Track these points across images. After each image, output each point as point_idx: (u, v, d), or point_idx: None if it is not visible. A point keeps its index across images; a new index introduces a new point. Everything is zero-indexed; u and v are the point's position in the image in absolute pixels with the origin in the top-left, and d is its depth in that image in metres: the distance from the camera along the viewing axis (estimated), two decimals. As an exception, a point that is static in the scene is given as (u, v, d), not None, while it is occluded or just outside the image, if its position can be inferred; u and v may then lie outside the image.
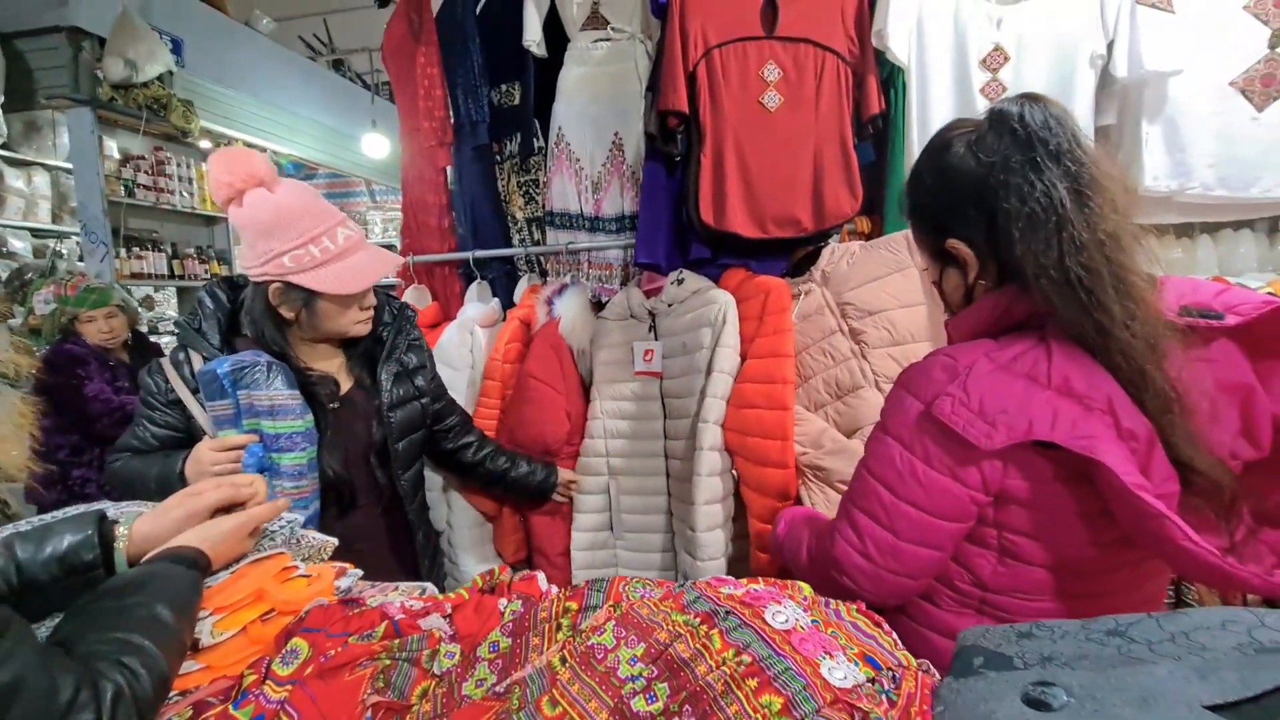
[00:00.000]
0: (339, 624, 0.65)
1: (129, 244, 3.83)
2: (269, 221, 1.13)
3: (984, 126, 0.80)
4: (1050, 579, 0.81)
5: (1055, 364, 0.74)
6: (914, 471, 0.79)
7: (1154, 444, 0.73)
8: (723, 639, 0.56)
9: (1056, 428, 0.71)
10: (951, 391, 0.76)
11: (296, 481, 1.15)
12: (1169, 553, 0.71)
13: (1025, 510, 0.79)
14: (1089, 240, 0.72)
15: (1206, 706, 0.43)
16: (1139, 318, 0.72)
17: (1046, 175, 0.73)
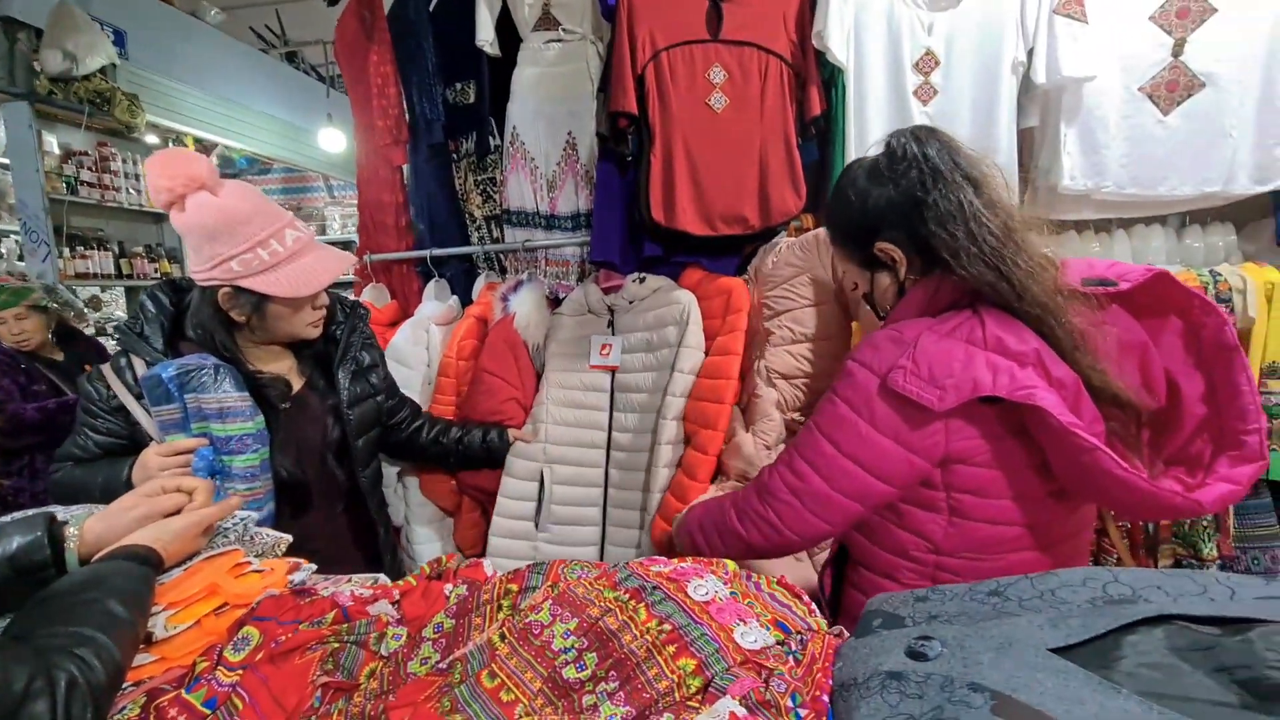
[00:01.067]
0: (290, 612, 0.68)
1: (73, 243, 3.71)
2: (214, 225, 1.11)
3: (884, 152, 0.94)
4: (995, 536, 0.90)
5: (989, 329, 0.84)
6: (860, 432, 0.87)
7: (1080, 390, 0.84)
8: (648, 611, 0.61)
9: (998, 383, 0.81)
10: (903, 364, 0.85)
11: (249, 483, 1.16)
12: (1103, 485, 0.81)
13: (972, 468, 0.88)
14: (994, 224, 0.84)
15: (1051, 649, 0.50)
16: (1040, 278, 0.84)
17: (950, 179, 0.87)
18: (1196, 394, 0.87)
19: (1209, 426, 0.86)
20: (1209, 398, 0.86)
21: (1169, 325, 0.89)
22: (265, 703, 0.58)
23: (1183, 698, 0.43)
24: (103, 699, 0.54)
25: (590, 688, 0.57)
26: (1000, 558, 0.92)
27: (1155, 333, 0.89)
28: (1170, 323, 0.89)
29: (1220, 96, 1.52)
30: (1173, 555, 1.62)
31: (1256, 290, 1.52)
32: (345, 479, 1.36)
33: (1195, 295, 0.87)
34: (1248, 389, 0.83)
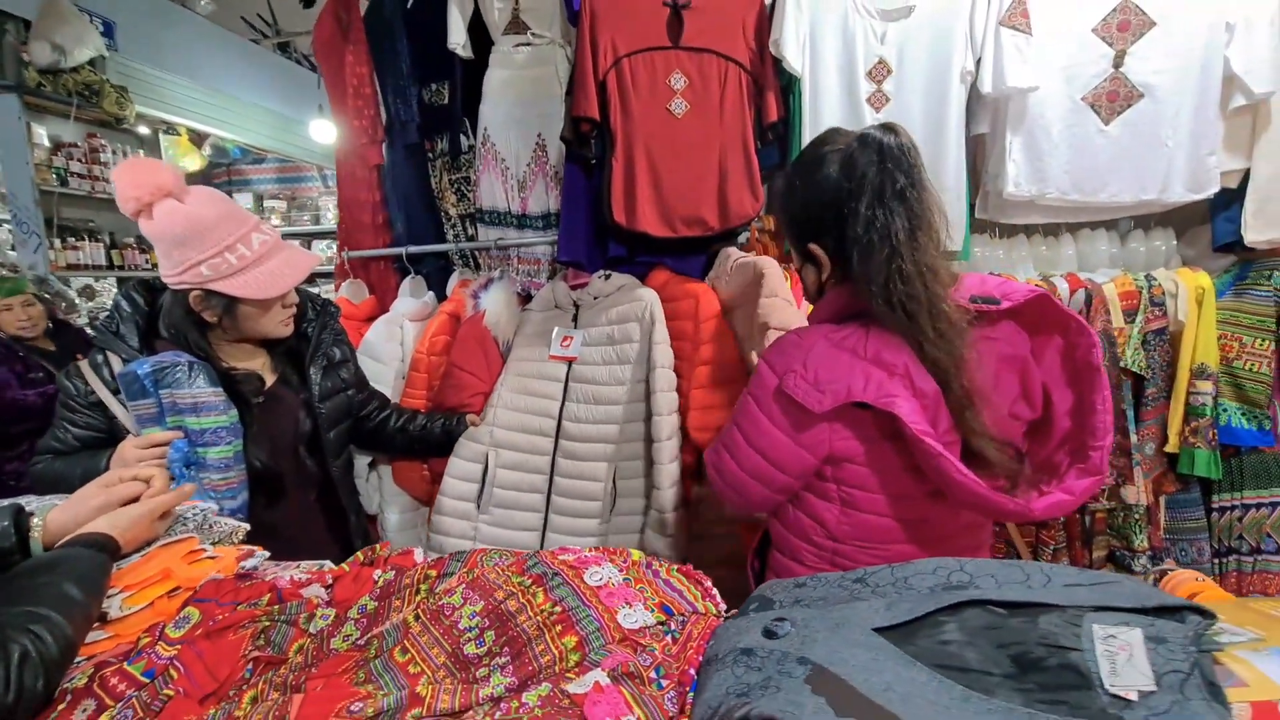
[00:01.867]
0: (229, 594, 0.75)
1: (64, 234, 3.76)
2: (182, 232, 1.16)
3: (853, 147, 0.93)
4: (885, 527, 0.98)
5: (871, 341, 0.92)
6: (761, 426, 0.97)
7: (940, 402, 0.91)
8: (545, 594, 0.69)
9: (868, 390, 0.89)
10: (795, 368, 0.94)
11: (224, 474, 1.22)
12: (951, 486, 0.89)
13: (855, 465, 0.96)
14: (912, 272, 0.88)
15: (875, 628, 0.57)
16: (945, 335, 0.89)
17: (889, 209, 0.88)
18: (1065, 408, 0.94)
19: (1071, 439, 0.93)
20: (1075, 413, 0.93)
21: (1052, 342, 0.95)
22: (199, 674, 0.66)
23: (963, 668, 0.50)
24: (53, 670, 0.62)
25: (486, 662, 0.64)
26: (888, 547, 0.99)
27: (1041, 348, 0.96)
28: (1054, 340, 0.95)
29: (1157, 107, 1.57)
30: (1107, 546, 1.70)
31: (1188, 294, 1.59)
32: (317, 469, 1.43)
33: (1072, 317, 0.93)
34: (1101, 409, 0.90)
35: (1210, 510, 1.69)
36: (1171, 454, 1.66)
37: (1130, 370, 1.62)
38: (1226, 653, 0.47)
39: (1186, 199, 1.62)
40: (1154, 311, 1.61)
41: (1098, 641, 0.48)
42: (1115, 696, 0.44)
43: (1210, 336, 1.59)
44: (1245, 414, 1.62)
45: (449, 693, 0.60)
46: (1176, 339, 1.63)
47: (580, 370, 1.79)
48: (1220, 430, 1.62)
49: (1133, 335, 1.60)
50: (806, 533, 1.01)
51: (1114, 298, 1.61)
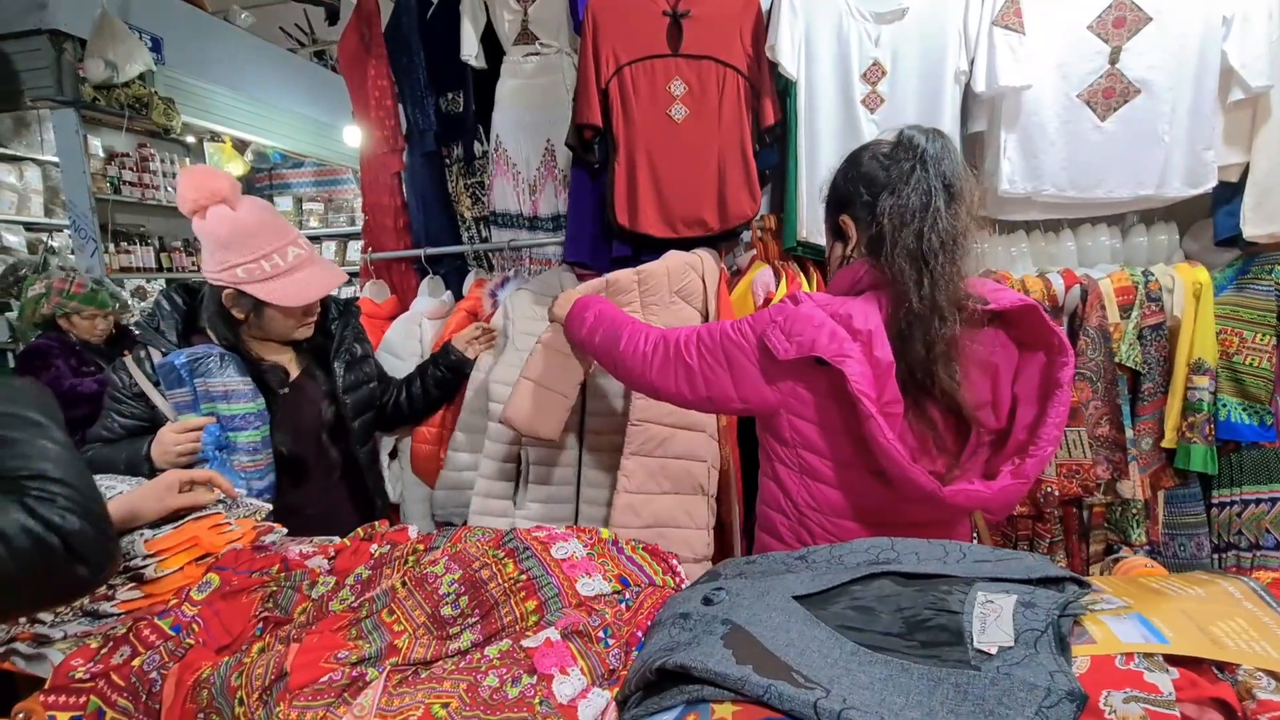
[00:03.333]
0: (245, 563, 0.86)
1: (117, 239, 4.01)
2: (226, 236, 1.29)
3: (895, 141, 1.01)
4: (842, 500, 1.02)
5: (850, 306, 0.98)
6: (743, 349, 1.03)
7: (889, 373, 0.96)
8: (514, 564, 0.77)
9: (827, 347, 0.95)
10: (776, 320, 1.01)
11: (252, 456, 1.34)
12: (876, 450, 0.94)
13: (809, 424, 1.02)
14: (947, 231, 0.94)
15: (795, 595, 0.64)
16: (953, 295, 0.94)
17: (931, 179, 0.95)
18: (1025, 422, 0.97)
19: (1020, 450, 0.97)
20: (1031, 428, 0.96)
21: (1035, 359, 0.98)
22: (216, 629, 0.76)
23: (861, 628, 0.57)
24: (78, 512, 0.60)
25: (460, 622, 0.73)
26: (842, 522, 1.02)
27: (1026, 361, 0.99)
28: (1037, 357, 0.98)
29: (1154, 103, 1.58)
30: (1104, 540, 1.71)
31: (1185, 289, 1.59)
32: (339, 456, 1.54)
33: (1056, 333, 0.96)
34: (1052, 421, 0.94)
35: (1210, 505, 1.68)
36: (1170, 449, 1.66)
37: (1126, 365, 1.63)
38: (1092, 617, 0.53)
39: (1184, 194, 1.62)
40: (1150, 307, 1.61)
41: (976, 606, 0.54)
42: (979, 651, 0.50)
43: (1208, 332, 1.59)
44: (1246, 409, 1.61)
45: (423, 646, 0.69)
46: (1174, 334, 1.63)
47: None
48: (1220, 425, 1.62)
49: (1128, 330, 1.61)
50: (778, 501, 1.07)
51: (1110, 293, 1.62)
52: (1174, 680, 0.43)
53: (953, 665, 0.50)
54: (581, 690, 0.61)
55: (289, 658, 0.66)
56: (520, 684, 0.60)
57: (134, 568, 0.86)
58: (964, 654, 0.51)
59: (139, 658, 0.72)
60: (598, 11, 1.80)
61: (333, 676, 0.64)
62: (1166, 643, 0.46)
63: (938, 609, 0.56)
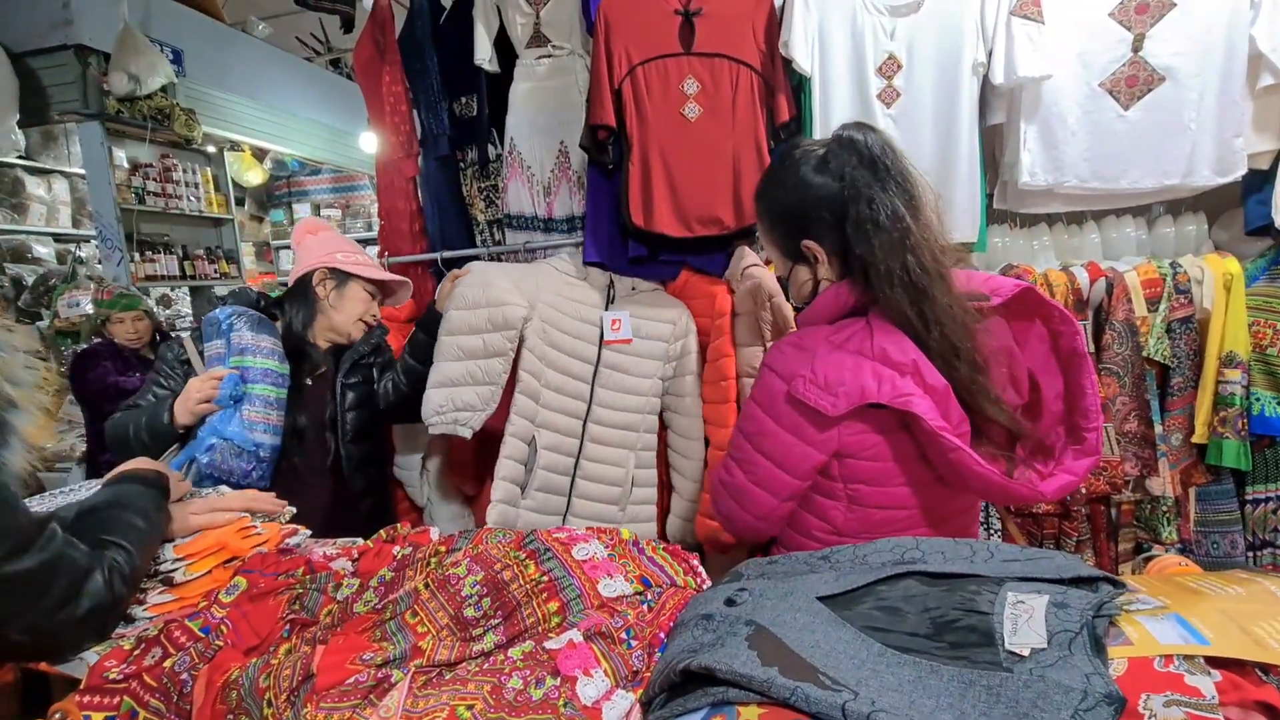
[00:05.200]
0: (271, 566, 0.87)
1: (142, 248, 4.09)
2: (332, 243, 1.64)
3: (832, 148, 0.98)
4: (887, 518, 1.01)
5: (875, 340, 0.94)
6: (773, 435, 0.97)
7: (949, 395, 0.94)
8: (536, 566, 0.77)
9: (881, 391, 0.91)
10: (803, 373, 0.95)
11: (264, 410, 1.43)
12: (967, 477, 0.92)
13: (862, 462, 0.98)
14: (924, 249, 0.92)
15: (819, 596, 0.63)
16: (954, 304, 0.93)
17: (890, 193, 0.93)
18: (1055, 392, 0.96)
19: (1063, 421, 0.96)
20: (1064, 396, 0.95)
21: (1034, 331, 0.97)
22: (245, 631, 0.77)
23: (887, 629, 0.56)
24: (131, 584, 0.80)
25: (482, 624, 0.73)
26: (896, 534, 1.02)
27: (1023, 336, 0.98)
28: (1036, 328, 0.97)
29: (1179, 90, 1.54)
30: (1134, 539, 1.68)
31: (1214, 281, 1.55)
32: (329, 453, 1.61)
33: (1055, 307, 0.95)
34: (1091, 391, 0.92)
35: (1244, 502, 1.64)
36: (1201, 445, 1.62)
37: (1154, 360, 1.59)
38: (1127, 617, 0.51)
39: (1213, 183, 1.58)
40: (1179, 299, 1.58)
41: (1006, 606, 0.53)
42: (1011, 652, 0.49)
43: (1240, 323, 1.55)
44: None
45: (447, 647, 0.69)
46: (1203, 326, 1.59)
47: (610, 357, 1.84)
48: (1253, 420, 1.57)
49: (1155, 324, 1.57)
50: (809, 529, 1.03)
51: (1136, 286, 1.59)
52: (1216, 683, 0.42)
53: (984, 667, 0.49)
54: (605, 692, 0.61)
55: (315, 659, 0.67)
56: (544, 686, 0.60)
57: (164, 571, 0.88)
58: (995, 655, 0.50)
59: (170, 659, 0.73)
60: (609, 12, 1.80)
61: (358, 678, 0.65)
62: (1207, 644, 0.45)
63: (966, 609, 0.55)
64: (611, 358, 1.87)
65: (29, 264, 4.22)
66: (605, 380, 1.86)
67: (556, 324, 1.84)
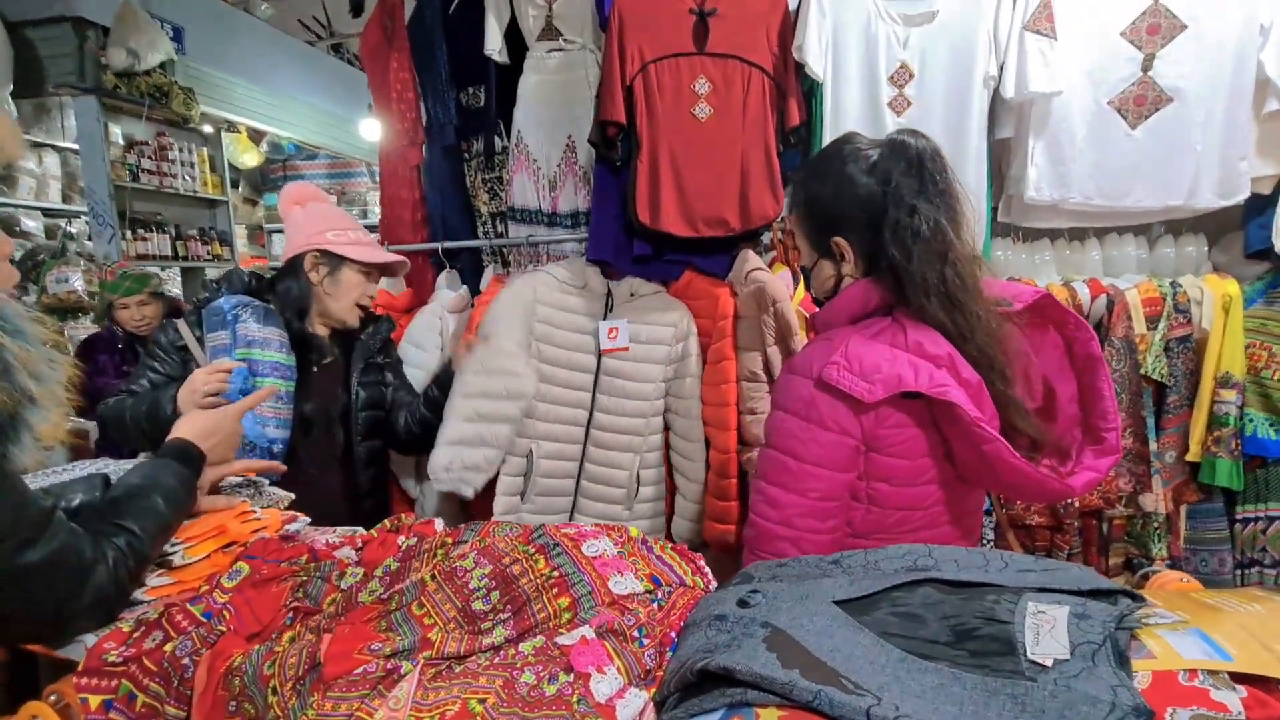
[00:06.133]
0: (274, 552, 0.86)
1: (134, 226, 4.03)
2: (320, 218, 1.56)
3: (883, 151, 0.97)
4: (903, 519, 1.00)
5: (909, 335, 0.94)
6: (814, 436, 0.94)
7: (982, 390, 0.94)
8: (546, 561, 0.77)
9: (919, 380, 0.90)
10: (836, 360, 0.93)
11: (275, 405, 1.42)
12: (1000, 471, 0.92)
13: (888, 459, 0.96)
14: (963, 260, 0.92)
15: (836, 600, 0.63)
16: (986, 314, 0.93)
17: (934, 204, 0.93)
18: (1069, 395, 0.98)
19: (1078, 423, 0.97)
20: (1080, 399, 0.96)
21: (1049, 337, 0.99)
22: (247, 616, 0.76)
23: (907, 636, 0.56)
24: (137, 570, 0.79)
25: (490, 617, 0.72)
26: (904, 537, 1.02)
27: (1037, 342, 0.99)
28: (1050, 335, 0.98)
29: (1187, 111, 1.56)
30: (1124, 554, 1.70)
31: (1214, 302, 1.57)
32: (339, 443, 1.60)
33: (1070, 314, 0.97)
34: (1108, 394, 0.93)
35: (1234, 521, 1.67)
36: (1193, 463, 1.64)
37: (1151, 378, 1.61)
38: (1148, 631, 0.52)
39: (1216, 205, 1.60)
40: (1178, 318, 1.59)
41: (1027, 616, 0.53)
42: (1033, 662, 0.49)
43: (1236, 345, 1.57)
44: (1273, 424, 1.59)
45: (456, 640, 0.68)
46: (1201, 346, 1.61)
47: (611, 364, 1.86)
48: (1246, 440, 1.60)
49: (1154, 342, 1.59)
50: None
51: (1137, 304, 1.60)
52: (1242, 699, 0.42)
53: (1006, 676, 0.49)
54: (619, 690, 0.60)
55: (322, 648, 0.66)
56: (558, 681, 0.60)
57: (163, 554, 0.86)
58: (1016, 665, 0.50)
59: (171, 643, 0.72)
60: (624, 8, 1.80)
61: (367, 668, 0.64)
62: (1231, 660, 0.45)
63: (986, 618, 0.55)
64: (612, 365, 1.87)
65: (17, 238, 4.14)
66: (607, 388, 1.87)
67: (552, 339, 1.87)
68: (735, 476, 1.76)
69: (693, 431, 1.85)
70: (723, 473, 1.77)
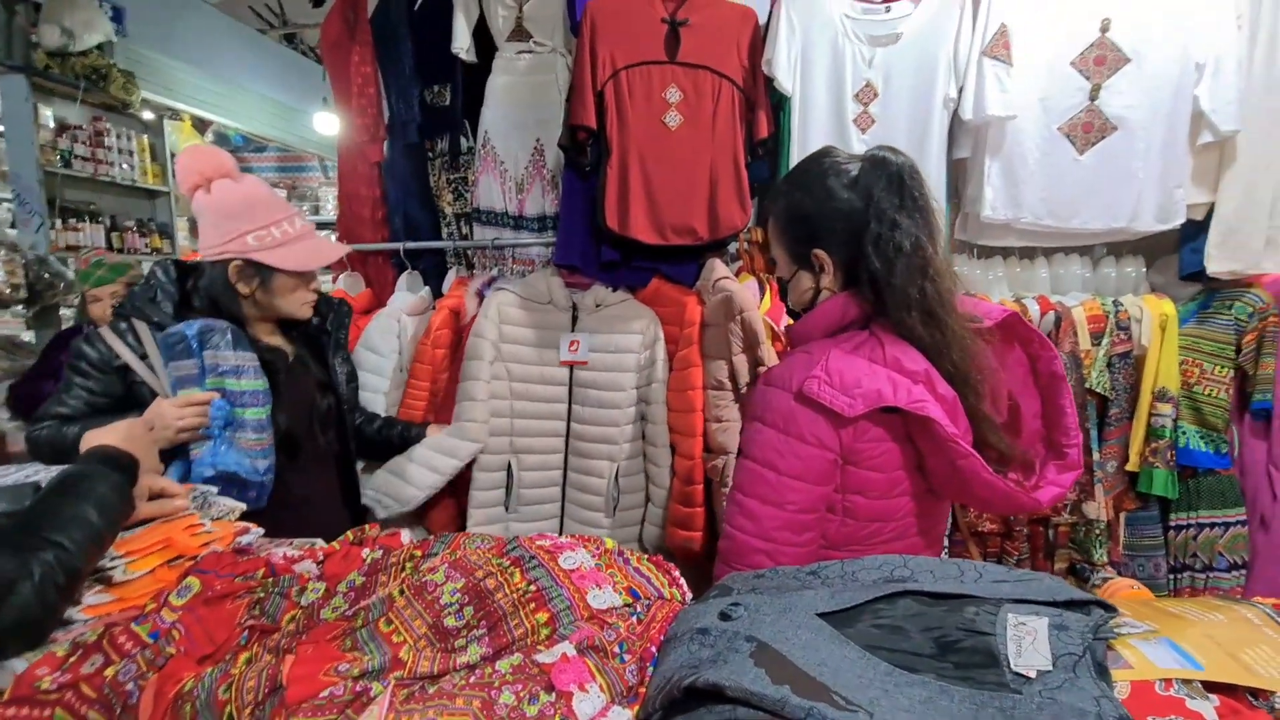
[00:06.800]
0: (228, 566, 0.81)
1: (65, 215, 3.79)
2: (235, 206, 1.29)
3: (864, 166, 0.98)
4: (874, 531, 1.01)
5: (887, 350, 0.95)
6: (792, 449, 0.94)
7: (958, 405, 0.96)
8: (521, 574, 0.74)
9: (898, 396, 0.91)
10: (816, 374, 0.93)
11: (258, 434, 1.29)
12: (973, 486, 0.94)
13: (865, 471, 0.97)
14: (941, 274, 0.94)
15: (819, 613, 0.63)
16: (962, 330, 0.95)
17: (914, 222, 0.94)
18: (1033, 411, 1.01)
19: (1040, 439, 1.00)
20: (1043, 415, 1.00)
21: (1014, 354, 1.02)
22: (199, 636, 0.71)
23: (892, 649, 0.56)
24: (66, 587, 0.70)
25: (464, 634, 0.70)
26: (875, 548, 1.04)
27: (1003, 358, 1.03)
28: (1015, 352, 1.02)
29: (1130, 140, 1.65)
30: (1068, 559, 1.77)
31: (1152, 320, 1.66)
32: (331, 445, 1.52)
33: (1035, 332, 1.00)
34: (1070, 411, 0.97)
35: (1168, 528, 1.76)
36: (1132, 473, 1.73)
37: (1095, 391, 1.69)
38: (1121, 640, 0.53)
39: (1154, 229, 1.69)
40: (1120, 335, 1.68)
41: (1009, 628, 0.54)
42: (1017, 674, 0.50)
43: (1172, 361, 1.66)
44: (1204, 437, 1.69)
45: (428, 659, 0.65)
46: (1140, 362, 1.70)
47: (583, 375, 1.87)
48: (1179, 452, 1.69)
49: (1098, 358, 1.67)
50: None
51: (1082, 321, 1.68)
52: (1215, 708, 0.44)
53: (991, 688, 0.50)
54: (601, 708, 0.59)
55: (284, 669, 0.62)
56: (539, 702, 0.58)
57: (102, 569, 0.80)
58: (1000, 676, 0.51)
59: (112, 667, 0.67)
60: (596, 13, 1.79)
61: (334, 691, 0.60)
62: (1201, 669, 0.47)
63: (968, 630, 0.56)
64: (584, 376, 1.87)
65: (-72, 223, 3.83)
66: (581, 398, 1.88)
67: (520, 358, 1.88)
68: (700, 483, 1.76)
69: (659, 437, 1.85)
70: (688, 479, 1.77)
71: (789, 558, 0.96)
